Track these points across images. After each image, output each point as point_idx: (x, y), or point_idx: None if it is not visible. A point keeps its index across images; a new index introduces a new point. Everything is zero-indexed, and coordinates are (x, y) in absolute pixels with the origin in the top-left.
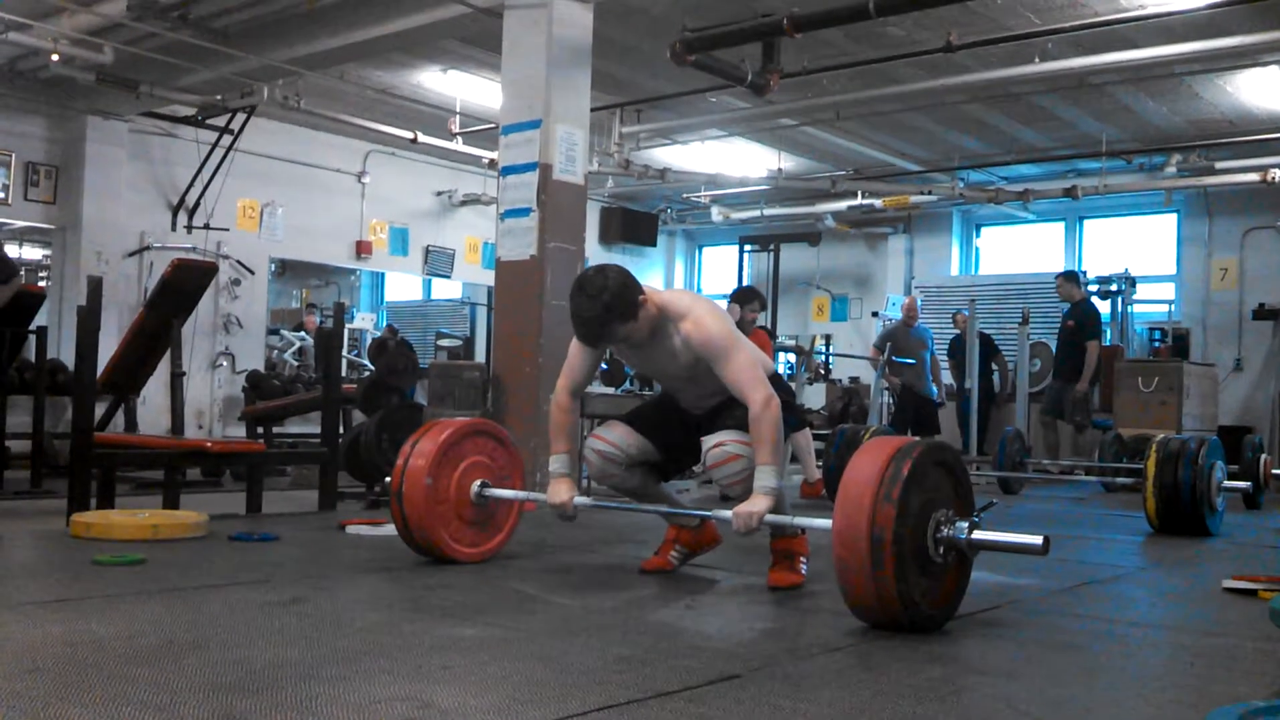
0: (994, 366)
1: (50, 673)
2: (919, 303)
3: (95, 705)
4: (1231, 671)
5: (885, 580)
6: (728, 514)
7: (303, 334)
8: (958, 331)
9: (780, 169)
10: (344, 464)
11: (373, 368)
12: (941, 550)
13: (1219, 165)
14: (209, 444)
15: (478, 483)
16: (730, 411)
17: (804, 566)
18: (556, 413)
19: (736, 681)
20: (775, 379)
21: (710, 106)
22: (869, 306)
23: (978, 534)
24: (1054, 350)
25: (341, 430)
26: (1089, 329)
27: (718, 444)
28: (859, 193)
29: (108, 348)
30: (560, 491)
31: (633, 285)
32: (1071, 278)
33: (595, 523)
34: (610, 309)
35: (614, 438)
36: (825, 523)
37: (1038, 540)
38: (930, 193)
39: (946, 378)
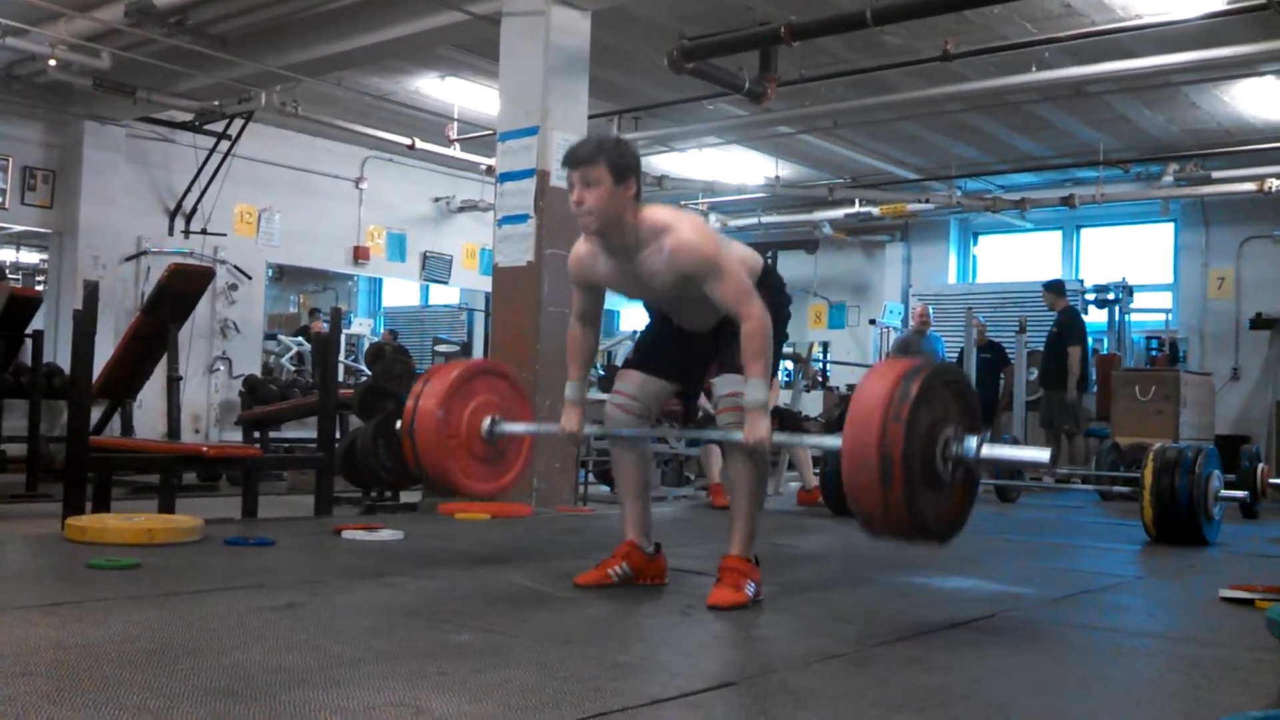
0: (1002, 376)
1: (42, 677)
2: (931, 311)
3: (87, 709)
4: (1229, 681)
5: (895, 498)
6: (738, 435)
7: (300, 339)
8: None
9: (777, 176)
10: (340, 469)
11: (370, 373)
12: (950, 467)
13: (1216, 175)
14: (205, 448)
15: (488, 419)
16: (737, 344)
17: (751, 587)
18: (568, 341)
19: (732, 689)
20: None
21: (707, 114)
22: (866, 314)
23: (985, 450)
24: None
25: (338, 435)
26: (1072, 335)
27: (731, 393)
28: (856, 201)
29: (104, 352)
30: (570, 420)
31: (635, 157)
32: (1055, 287)
33: (591, 529)
34: (604, 147)
35: (627, 388)
36: (835, 441)
37: (1044, 454)
38: (927, 201)
39: None
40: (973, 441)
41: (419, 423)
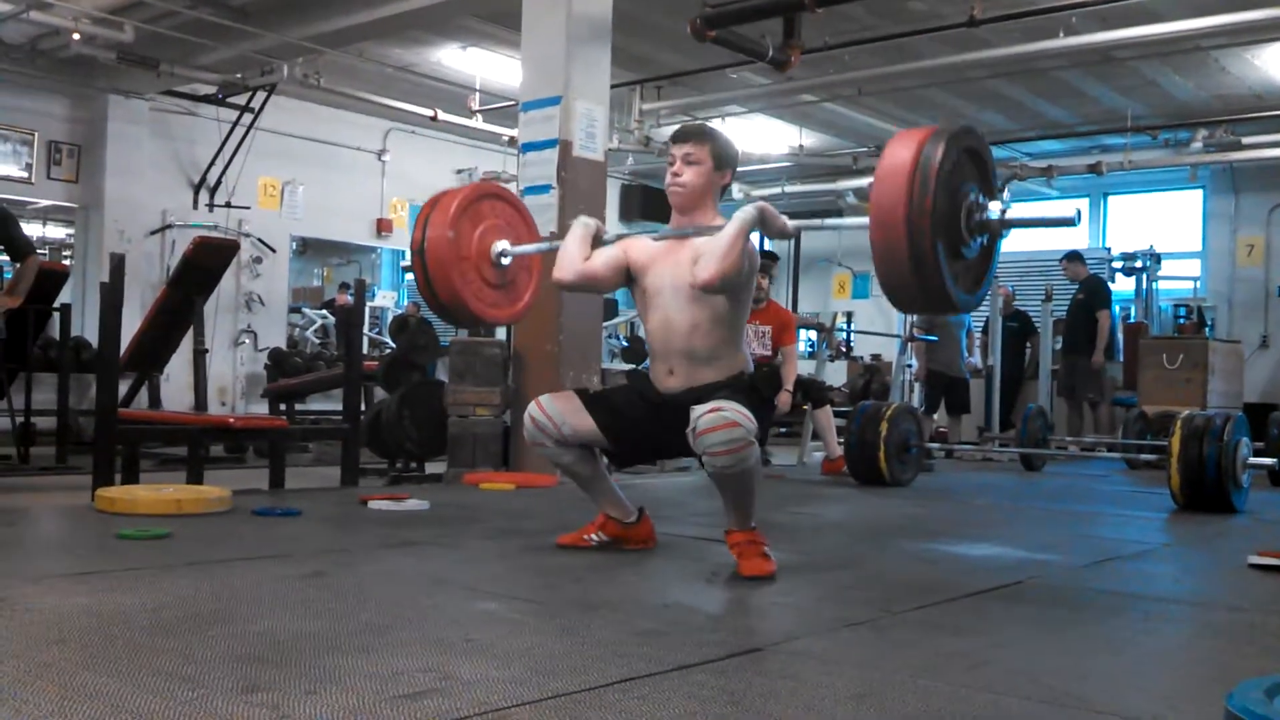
0: (1028, 345)
1: (76, 644)
2: None
3: (122, 675)
4: (1256, 646)
5: (927, 272)
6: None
7: (324, 312)
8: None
9: (801, 145)
10: (366, 440)
11: (394, 345)
12: (976, 234)
13: (1245, 140)
14: (232, 420)
15: (498, 242)
16: (717, 392)
17: (769, 551)
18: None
19: (758, 655)
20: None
21: (731, 83)
22: None
23: (1010, 214)
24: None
25: (363, 407)
26: (1100, 300)
27: (714, 409)
28: None
29: (131, 325)
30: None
31: (736, 153)
32: (1075, 258)
33: None
34: (712, 134)
35: (553, 409)
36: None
37: (1070, 213)
38: None
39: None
40: (994, 206)
41: (430, 244)
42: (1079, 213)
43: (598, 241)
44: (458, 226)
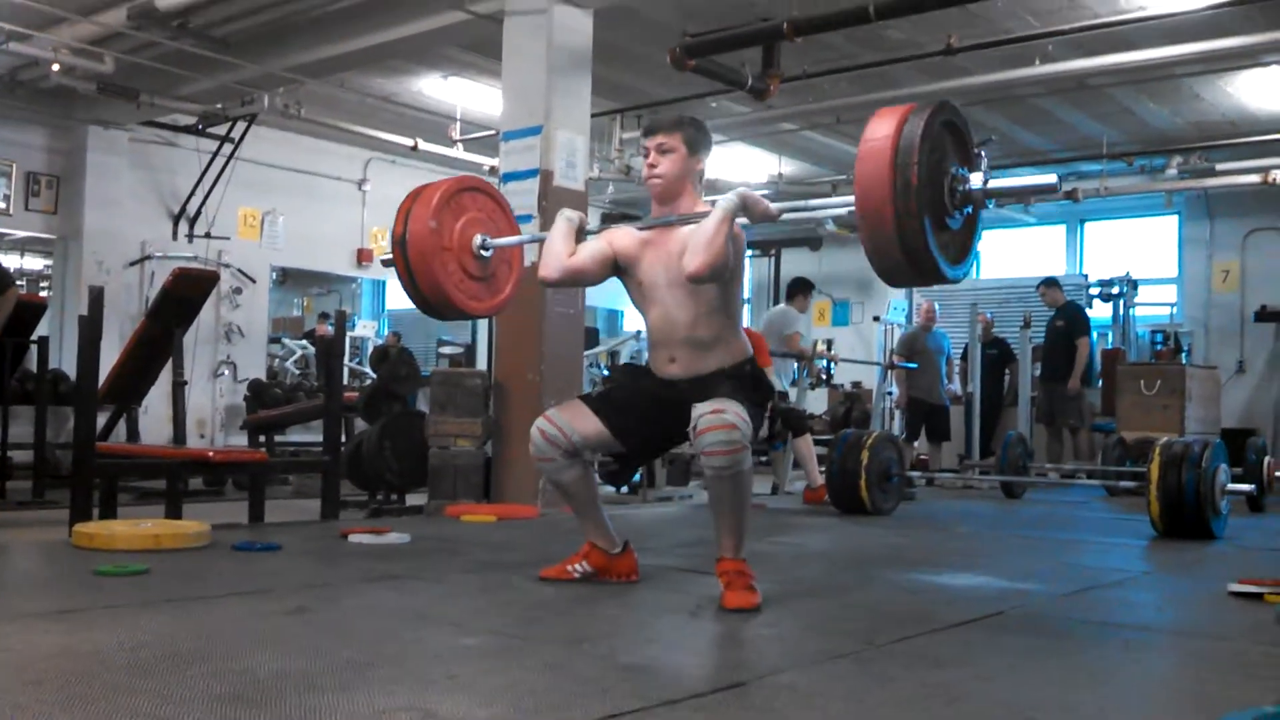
0: (1007, 372)
1: (53, 684)
2: (938, 308)
3: (98, 717)
4: (1240, 675)
5: (914, 245)
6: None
7: (304, 342)
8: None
9: (781, 173)
10: (346, 472)
11: (375, 375)
12: (959, 205)
13: (1220, 167)
14: (211, 453)
15: (479, 235)
16: (720, 385)
17: (755, 585)
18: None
19: (741, 689)
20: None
21: (710, 111)
22: (870, 311)
23: (992, 184)
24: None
25: (344, 439)
26: (1079, 327)
27: (715, 410)
28: None
29: (109, 357)
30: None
31: (709, 136)
32: (1052, 284)
33: None
34: (683, 122)
35: (560, 420)
36: (846, 199)
37: (1051, 179)
38: None
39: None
40: (976, 177)
41: (412, 235)
42: (1059, 179)
43: (581, 235)
44: (439, 217)
